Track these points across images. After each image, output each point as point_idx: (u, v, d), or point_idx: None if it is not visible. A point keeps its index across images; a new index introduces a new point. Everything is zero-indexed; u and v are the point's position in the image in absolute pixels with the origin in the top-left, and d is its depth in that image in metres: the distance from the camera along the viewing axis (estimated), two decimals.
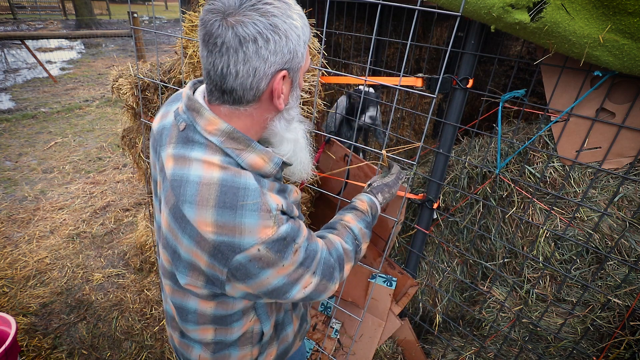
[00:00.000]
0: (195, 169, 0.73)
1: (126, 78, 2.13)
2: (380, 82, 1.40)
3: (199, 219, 0.70)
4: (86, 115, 5.71)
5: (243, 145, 0.75)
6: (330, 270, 0.87)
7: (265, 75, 0.70)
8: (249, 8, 0.66)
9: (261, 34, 0.66)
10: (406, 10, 3.09)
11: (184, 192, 0.72)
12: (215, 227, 0.69)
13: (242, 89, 0.71)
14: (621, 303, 1.42)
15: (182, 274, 0.80)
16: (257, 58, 0.67)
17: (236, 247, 0.70)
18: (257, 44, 0.66)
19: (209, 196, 0.70)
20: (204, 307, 0.86)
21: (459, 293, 1.95)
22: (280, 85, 0.73)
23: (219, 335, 0.92)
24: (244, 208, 0.70)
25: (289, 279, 0.77)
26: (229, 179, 0.71)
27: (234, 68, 0.68)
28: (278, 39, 0.67)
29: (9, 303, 2.38)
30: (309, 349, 1.96)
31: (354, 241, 1.00)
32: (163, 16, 20.62)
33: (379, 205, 1.15)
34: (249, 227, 0.69)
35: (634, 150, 1.35)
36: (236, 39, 0.65)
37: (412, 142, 1.97)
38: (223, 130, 0.74)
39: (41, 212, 3.32)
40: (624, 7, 1.03)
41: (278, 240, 0.72)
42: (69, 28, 13.71)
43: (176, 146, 0.77)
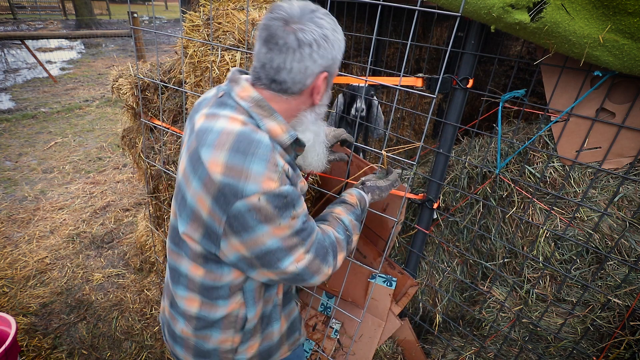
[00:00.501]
0: (221, 122, 0.84)
1: (126, 78, 2.13)
2: (380, 82, 1.40)
3: (212, 159, 0.79)
4: (86, 115, 5.71)
5: (267, 112, 0.86)
6: (325, 252, 0.93)
7: (312, 74, 0.84)
8: (308, 19, 0.81)
9: (316, 41, 0.81)
10: (406, 11, 3.09)
11: (206, 138, 0.82)
12: (224, 167, 0.77)
13: (292, 81, 0.84)
14: (621, 303, 1.42)
15: (183, 221, 0.87)
16: (310, 59, 0.82)
17: (239, 191, 0.76)
18: (312, 48, 0.81)
19: (225, 141, 0.80)
20: (194, 273, 0.92)
21: (459, 293, 1.95)
22: (322, 83, 0.87)
23: (203, 310, 0.95)
24: (254, 155, 0.78)
25: (284, 244, 0.83)
26: (247, 132, 0.81)
27: (290, 64, 0.82)
28: (327, 46, 0.83)
29: (9, 303, 2.38)
30: (309, 349, 1.96)
31: (345, 231, 1.05)
32: (163, 16, 20.62)
33: (368, 202, 1.19)
34: (255, 174, 0.77)
35: (634, 150, 1.35)
36: (296, 42, 0.80)
37: (412, 142, 1.97)
38: (253, 97, 0.86)
39: (41, 212, 3.32)
40: (624, 7, 1.03)
41: (279, 195, 0.79)
42: (69, 28, 13.71)
43: (211, 108, 0.90)
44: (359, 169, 1.75)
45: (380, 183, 1.25)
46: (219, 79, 1.58)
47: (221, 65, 1.54)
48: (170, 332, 1.07)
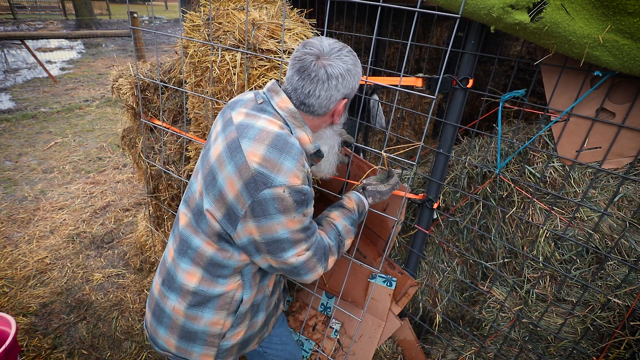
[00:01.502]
0: (261, 122, 0.97)
1: (126, 78, 2.13)
2: (379, 82, 1.40)
3: (251, 149, 0.92)
4: (86, 115, 5.70)
5: (299, 123, 1.00)
6: (322, 253, 1.04)
7: (335, 100, 0.99)
8: (335, 56, 0.95)
9: (342, 75, 0.95)
10: (406, 11, 3.09)
11: (247, 131, 0.95)
12: (262, 159, 0.90)
13: (319, 106, 0.99)
14: (621, 303, 1.42)
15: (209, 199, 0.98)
16: (335, 89, 0.96)
17: (269, 180, 0.89)
18: (337, 80, 0.95)
19: (265, 138, 0.93)
20: (206, 248, 1.01)
21: (459, 293, 1.95)
22: (342, 108, 1.03)
23: (202, 285, 1.03)
24: (288, 153, 0.92)
25: (292, 236, 0.94)
26: (283, 135, 0.95)
27: (318, 92, 0.96)
28: (349, 79, 0.97)
29: (9, 303, 2.38)
30: (309, 349, 1.96)
31: (336, 237, 1.13)
32: (163, 16, 20.62)
33: (367, 205, 1.25)
34: (286, 169, 0.90)
35: (634, 150, 1.35)
36: (325, 75, 0.94)
37: (412, 142, 1.98)
38: (290, 109, 1.00)
39: (41, 212, 3.32)
40: (624, 7, 1.03)
41: (300, 191, 0.92)
42: (69, 28, 13.70)
43: (251, 110, 1.01)
44: (360, 169, 1.75)
45: (381, 187, 1.29)
46: (219, 79, 1.58)
47: (221, 65, 1.54)
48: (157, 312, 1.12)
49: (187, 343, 1.07)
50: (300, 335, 2.00)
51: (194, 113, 1.81)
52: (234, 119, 1.01)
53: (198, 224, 1.01)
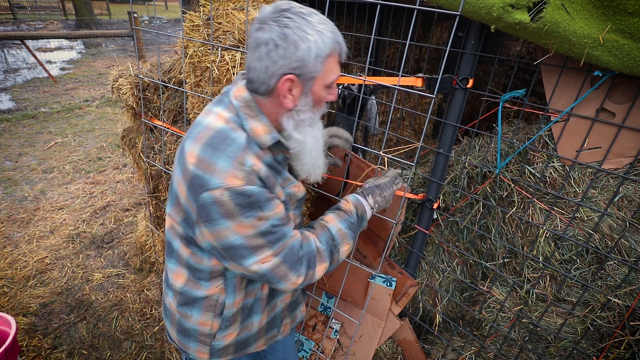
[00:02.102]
0: (210, 118, 0.90)
1: (126, 78, 2.13)
2: (379, 82, 1.40)
3: (189, 150, 0.86)
4: (86, 115, 5.71)
5: (253, 113, 0.89)
6: (294, 260, 0.93)
7: (274, 75, 0.84)
8: (272, 19, 0.82)
9: (272, 40, 0.80)
10: (406, 10, 3.09)
11: (193, 130, 0.90)
12: (196, 159, 0.84)
13: (257, 81, 0.86)
14: (621, 303, 1.42)
15: (169, 203, 0.96)
16: (267, 58, 0.82)
17: (205, 183, 0.81)
18: (267, 47, 0.81)
19: (205, 135, 0.86)
20: (182, 250, 0.98)
21: (459, 293, 1.95)
22: (286, 86, 0.85)
23: (187, 285, 1.01)
24: (222, 152, 0.83)
25: (247, 242, 0.85)
26: (225, 130, 0.86)
27: (252, 63, 0.85)
28: (287, 46, 0.80)
29: (9, 303, 2.38)
30: (309, 349, 1.96)
31: (329, 241, 1.02)
32: (163, 16, 20.62)
33: (367, 207, 1.14)
34: (220, 169, 0.81)
35: (634, 150, 1.35)
36: (256, 41, 0.83)
37: (412, 142, 1.97)
38: (244, 97, 0.90)
39: (41, 212, 3.32)
40: (624, 7, 1.03)
41: (241, 194, 0.81)
42: (69, 28, 13.71)
43: (211, 104, 0.96)
44: (359, 169, 1.75)
45: (379, 181, 1.20)
46: (218, 79, 1.58)
47: (221, 65, 1.54)
48: (164, 305, 1.15)
49: (184, 338, 1.08)
50: (300, 335, 2.00)
51: (193, 113, 1.81)
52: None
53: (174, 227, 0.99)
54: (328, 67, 0.87)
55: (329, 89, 0.93)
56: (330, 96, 0.94)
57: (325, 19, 0.86)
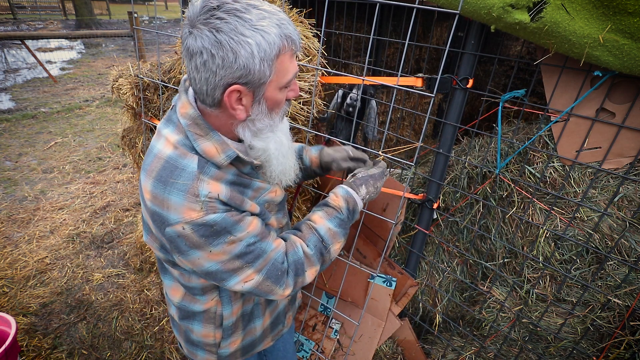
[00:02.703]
0: (160, 143, 0.83)
1: (126, 78, 2.13)
2: (379, 82, 1.40)
3: (144, 184, 0.82)
4: (86, 115, 5.70)
5: (203, 132, 0.80)
6: (278, 274, 0.88)
7: (218, 86, 0.73)
8: (202, 21, 0.69)
9: (206, 49, 0.69)
10: (406, 10, 3.08)
11: (146, 160, 0.84)
12: (150, 195, 0.79)
13: (201, 93, 0.76)
14: (621, 303, 1.42)
15: (144, 231, 0.92)
16: (205, 70, 0.71)
17: (164, 219, 0.77)
18: (202, 57, 0.70)
19: (154, 168, 0.80)
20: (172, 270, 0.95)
21: (459, 293, 1.94)
22: (233, 98, 0.75)
23: (184, 301, 0.99)
24: (172, 186, 0.77)
25: (224, 267, 0.81)
26: (174, 158, 0.79)
27: (192, 74, 0.74)
28: (224, 55, 0.69)
29: (9, 303, 2.38)
30: (309, 349, 1.96)
31: (318, 243, 0.96)
32: (163, 16, 20.61)
33: (358, 199, 1.05)
34: (174, 205, 0.76)
35: (634, 150, 1.35)
36: (188, 50, 0.71)
37: (412, 142, 1.97)
38: (190, 114, 0.80)
39: (41, 212, 3.32)
40: (624, 7, 1.03)
41: (203, 225, 0.76)
42: (69, 28, 13.70)
43: (162, 123, 0.87)
44: None
45: (372, 171, 1.11)
46: None
47: None
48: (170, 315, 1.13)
49: (192, 347, 1.08)
50: (300, 335, 2.00)
51: None
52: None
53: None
54: (280, 67, 0.75)
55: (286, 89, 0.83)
56: (291, 93, 0.84)
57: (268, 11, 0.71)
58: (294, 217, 1.90)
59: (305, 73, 1.68)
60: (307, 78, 1.67)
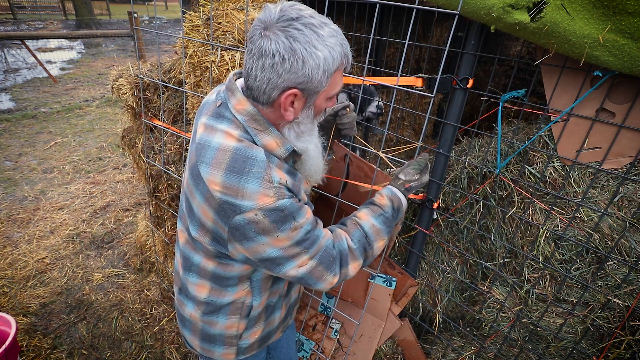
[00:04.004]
0: (218, 137, 0.85)
1: (126, 78, 2.13)
2: (379, 82, 1.40)
3: (210, 177, 0.82)
4: (86, 115, 5.70)
5: (262, 127, 0.86)
6: (330, 260, 0.93)
7: (277, 87, 0.80)
8: (280, 27, 0.76)
9: (279, 53, 0.75)
10: (406, 10, 3.08)
11: (204, 154, 0.85)
12: (222, 187, 0.81)
13: (258, 90, 0.83)
14: (621, 303, 1.42)
15: (194, 227, 0.92)
16: (272, 71, 0.78)
17: (237, 207, 0.80)
18: (274, 60, 0.76)
19: (222, 160, 0.82)
20: (206, 263, 0.96)
21: (459, 293, 1.94)
22: (288, 100, 0.82)
23: (212, 296, 1.01)
24: (248, 174, 0.80)
25: (284, 253, 0.86)
26: (242, 149, 0.83)
27: (254, 72, 0.80)
28: (294, 61, 0.76)
29: (9, 303, 2.38)
30: (309, 349, 1.96)
31: (362, 238, 1.01)
32: (163, 16, 20.61)
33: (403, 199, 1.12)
34: (250, 192, 0.80)
35: (634, 150, 1.35)
36: (260, 50, 0.77)
37: (412, 142, 1.97)
38: (248, 111, 0.85)
39: (41, 212, 3.32)
40: (624, 7, 1.03)
41: (275, 210, 0.81)
42: (69, 28, 13.71)
43: (210, 118, 0.90)
44: (359, 169, 1.75)
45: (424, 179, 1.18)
46: (218, 79, 1.58)
47: (221, 65, 1.54)
48: (180, 317, 1.13)
49: (209, 344, 1.09)
50: (300, 335, 2.00)
51: (193, 113, 1.81)
52: (197, 133, 0.91)
53: (195, 243, 0.97)
54: (334, 81, 0.85)
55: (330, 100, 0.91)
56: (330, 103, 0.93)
57: (336, 30, 0.81)
58: None
59: None
60: None
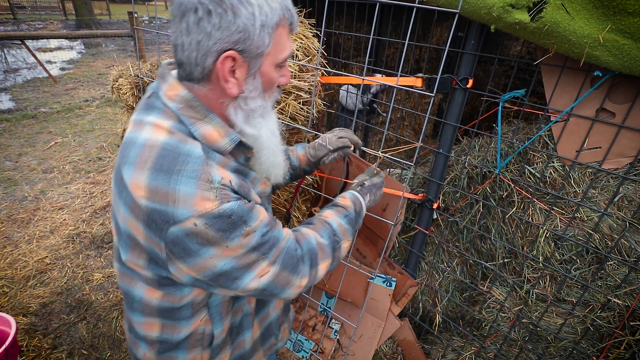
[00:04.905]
0: (145, 132, 0.70)
1: (126, 78, 2.13)
2: (379, 82, 1.39)
3: (133, 180, 0.67)
4: (86, 115, 5.70)
5: (200, 115, 0.71)
6: (294, 262, 0.81)
7: (210, 52, 0.66)
8: None
9: (202, 4, 0.63)
10: (406, 10, 3.08)
11: (128, 153, 0.69)
12: (147, 191, 0.65)
13: (189, 63, 0.69)
14: (621, 303, 1.42)
15: (123, 249, 0.75)
16: (198, 30, 0.65)
17: (169, 217, 0.64)
18: (197, 14, 0.63)
19: (147, 158, 0.66)
20: (150, 296, 0.79)
21: (459, 293, 1.94)
22: (227, 67, 0.68)
23: (165, 333, 0.84)
24: (180, 174, 0.65)
25: (239, 263, 0.71)
26: (173, 144, 0.68)
27: (180, 39, 0.67)
28: (222, 13, 0.63)
29: (9, 303, 2.38)
30: (308, 349, 1.96)
31: (331, 236, 0.92)
32: (163, 16, 20.61)
33: (364, 204, 1.08)
34: (184, 196, 0.64)
35: (634, 150, 1.35)
36: (180, 8, 0.65)
37: (412, 142, 1.97)
38: (182, 96, 0.71)
39: (41, 212, 3.32)
40: (624, 7, 1.03)
41: (220, 216, 0.66)
42: (69, 28, 13.71)
43: (139, 112, 0.76)
44: (359, 169, 1.75)
45: (375, 180, 1.16)
46: None
47: None
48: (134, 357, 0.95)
49: None
50: (300, 335, 2.00)
51: None
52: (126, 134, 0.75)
53: (130, 272, 0.79)
54: (278, 40, 0.71)
55: (280, 69, 0.77)
56: (283, 79, 0.79)
57: None
58: (293, 217, 1.90)
59: (305, 73, 1.68)
60: (307, 78, 1.67)
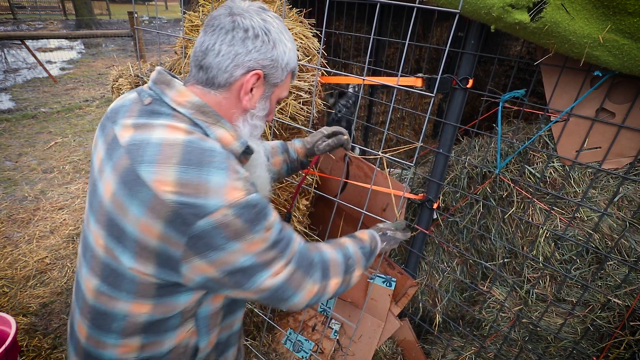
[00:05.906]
0: (159, 132, 0.70)
1: (126, 78, 2.13)
2: (379, 82, 1.39)
3: (157, 177, 0.65)
4: (86, 115, 5.70)
5: (213, 119, 0.75)
6: (308, 263, 0.81)
7: (242, 65, 0.75)
8: (255, 11, 0.76)
9: (254, 29, 0.74)
10: (406, 10, 3.08)
11: (143, 153, 0.68)
12: (176, 186, 0.65)
13: (217, 68, 0.75)
14: (621, 303, 1.42)
15: (128, 254, 0.70)
16: (242, 44, 0.74)
17: (200, 209, 0.64)
18: (247, 34, 0.74)
19: (172, 154, 0.66)
20: (137, 311, 0.75)
21: (459, 293, 1.94)
22: (252, 81, 0.77)
23: (146, 351, 0.79)
24: (210, 165, 0.66)
25: (259, 259, 0.71)
26: (195, 141, 0.69)
27: (219, 46, 0.74)
28: (266, 41, 0.75)
29: (9, 303, 2.38)
30: (308, 350, 1.96)
31: (346, 257, 0.93)
32: (163, 16, 20.62)
33: (379, 246, 1.11)
34: (215, 186, 0.65)
35: (634, 150, 1.35)
36: (232, 24, 0.74)
37: (412, 142, 1.97)
38: (193, 102, 0.75)
39: (41, 212, 3.32)
40: (624, 7, 1.03)
41: (248, 206, 0.67)
42: (69, 28, 13.71)
43: (138, 117, 0.74)
44: (359, 169, 1.75)
45: (399, 235, 1.17)
46: None
47: None
48: None
49: None
50: (300, 336, 2.00)
51: None
52: (119, 138, 0.72)
53: (116, 288, 0.74)
54: (287, 80, 0.84)
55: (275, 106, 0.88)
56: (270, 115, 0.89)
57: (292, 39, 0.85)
58: (293, 217, 1.90)
59: (305, 73, 1.68)
60: (307, 78, 1.67)
